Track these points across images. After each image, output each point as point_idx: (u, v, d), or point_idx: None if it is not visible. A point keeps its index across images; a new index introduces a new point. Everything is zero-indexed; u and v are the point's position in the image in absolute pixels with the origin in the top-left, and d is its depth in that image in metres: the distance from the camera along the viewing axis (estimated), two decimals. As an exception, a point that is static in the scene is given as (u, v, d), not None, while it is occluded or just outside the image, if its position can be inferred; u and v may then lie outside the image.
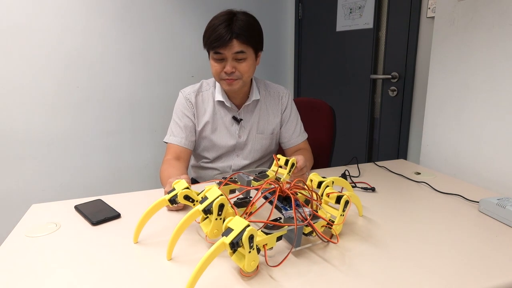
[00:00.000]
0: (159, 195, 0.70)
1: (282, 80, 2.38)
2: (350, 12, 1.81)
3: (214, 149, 1.14)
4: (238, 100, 1.12)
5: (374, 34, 1.70)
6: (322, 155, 1.43)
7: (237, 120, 1.12)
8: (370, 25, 1.71)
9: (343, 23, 1.87)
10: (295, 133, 1.19)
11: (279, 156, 0.88)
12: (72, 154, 1.89)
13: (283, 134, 1.20)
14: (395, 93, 1.62)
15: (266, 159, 1.23)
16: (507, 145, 0.97)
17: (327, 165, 1.41)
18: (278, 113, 1.17)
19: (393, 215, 0.81)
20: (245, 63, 1.01)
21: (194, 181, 1.27)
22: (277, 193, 0.67)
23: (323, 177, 0.75)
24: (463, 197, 0.91)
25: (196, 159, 1.23)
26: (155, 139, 2.08)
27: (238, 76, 1.02)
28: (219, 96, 1.09)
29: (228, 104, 1.09)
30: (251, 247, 0.54)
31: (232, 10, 1.00)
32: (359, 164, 1.17)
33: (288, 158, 0.87)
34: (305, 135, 1.23)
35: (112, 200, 0.90)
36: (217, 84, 1.11)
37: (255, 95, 1.12)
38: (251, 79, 1.12)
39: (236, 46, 0.97)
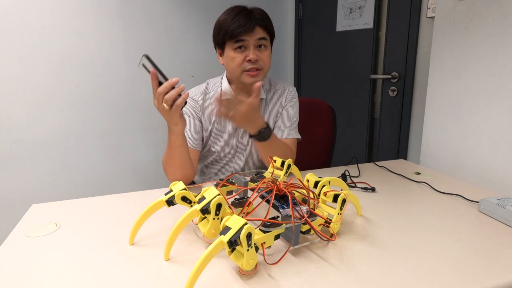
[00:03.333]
0: (157, 196, 0.70)
1: (282, 80, 2.38)
2: (350, 12, 1.81)
3: (217, 152, 1.11)
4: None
5: (374, 34, 1.70)
6: (322, 155, 1.43)
7: None
8: (370, 25, 1.71)
9: (343, 23, 1.87)
10: (283, 127, 1.11)
11: (275, 158, 0.88)
12: (72, 154, 1.90)
13: (279, 122, 1.11)
14: (395, 93, 1.62)
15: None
16: (507, 145, 0.97)
17: (327, 165, 1.41)
18: (280, 111, 1.12)
19: (392, 215, 0.81)
20: (267, 52, 0.99)
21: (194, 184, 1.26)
22: (274, 192, 0.67)
23: (319, 177, 0.75)
24: (463, 197, 0.90)
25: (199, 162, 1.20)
26: (155, 139, 2.08)
27: (261, 66, 0.98)
28: (227, 94, 1.04)
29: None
30: (249, 245, 0.54)
31: (242, 5, 0.99)
32: (359, 164, 1.17)
33: (284, 159, 0.86)
34: (294, 134, 1.12)
35: (112, 200, 0.90)
36: (224, 81, 1.08)
37: (261, 93, 1.08)
38: None
39: (259, 32, 0.96)
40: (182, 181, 0.97)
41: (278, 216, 0.65)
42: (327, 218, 0.67)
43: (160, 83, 0.82)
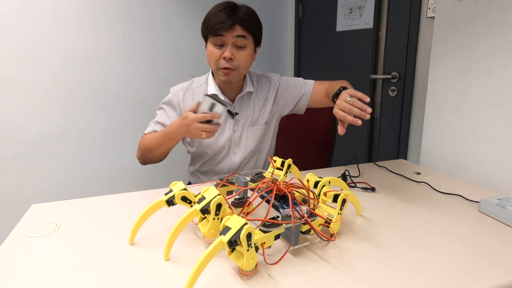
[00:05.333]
0: (157, 196, 0.70)
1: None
2: (350, 12, 1.81)
3: (209, 147, 1.12)
4: (231, 93, 1.10)
5: (374, 34, 1.70)
6: (322, 155, 1.43)
7: (232, 114, 1.10)
8: (370, 25, 1.71)
9: (343, 23, 1.87)
10: (300, 88, 1.16)
11: (275, 158, 0.88)
12: (72, 154, 1.90)
13: (295, 97, 1.16)
14: (395, 93, 1.62)
15: (264, 153, 1.20)
16: (507, 145, 0.97)
17: (327, 165, 1.41)
18: (271, 100, 1.15)
19: (392, 215, 0.81)
20: (244, 52, 1.00)
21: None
22: (274, 192, 0.67)
23: (320, 177, 0.75)
24: (463, 197, 0.90)
25: (193, 163, 1.20)
26: (155, 139, 2.08)
27: (235, 66, 1.00)
28: (212, 90, 1.07)
29: (222, 97, 1.07)
30: (249, 245, 0.54)
31: (233, 1, 1.00)
32: (359, 164, 1.17)
33: (284, 160, 0.87)
34: (310, 82, 1.17)
35: (112, 200, 0.90)
36: (210, 78, 1.10)
37: (248, 87, 1.10)
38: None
39: (238, 30, 0.96)
40: (154, 161, 1.09)
41: (278, 216, 0.65)
42: (327, 218, 0.67)
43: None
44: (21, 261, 0.63)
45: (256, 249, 0.57)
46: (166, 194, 0.67)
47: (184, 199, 0.67)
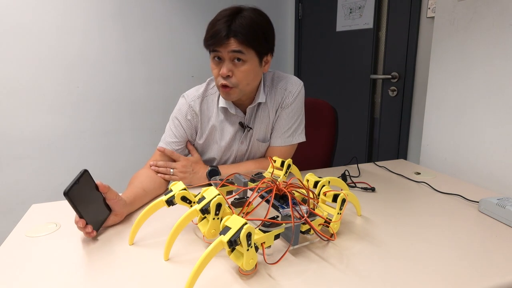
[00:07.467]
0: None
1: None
2: (350, 12, 1.81)
3: (217, 159, 1.07)
4: (243, 105, 1.00)
5: (374, 34, 1.70)
6: (324, 156, 1.43)
7: (243, 127, 1.01)
8: (370, 25, 1.71)
9: (343, 23, 1.87)
10: (277, 133, 1.04)
11: (274, 158, 0.88)
12: (72, 154, 1.90)
13: (271, 128, 1.04)
14: (395, 93, 1.62)
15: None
16: (507, 145, 0.97)
17: (328, 165, 1.41)
18: (276, 116, 1.04)
19: (392, 215, 0.81)
20: (244, 67, 0.88)
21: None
22: (274, 192, 0.67)
23: (319, 177, 0.75)
24: (463, 197, 0.90)
25: None
26: (155, 139, 2.07)
27: (234, 83, 0.89)
28: (222, 102, 0.98)
29: (232, 111, 0.98)
30: (249, 245, 0.54)
31: (240, 6, 0.89)
32: (359, 164, 1.17)
33: (284, 159, 0.87)
34: (290, 141, 1.04)
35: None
36: None
37: (260, 97, 0.99)
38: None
39: (233, 44, 0.85)
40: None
41: (278, 216, 0.65)
42: (327, 218, 0.67)
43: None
44: (21, 261, 0.63)
45: (256, 249, 0.57)
46: (166, 194, 0.67)
47: (184, 199, 0.67)
